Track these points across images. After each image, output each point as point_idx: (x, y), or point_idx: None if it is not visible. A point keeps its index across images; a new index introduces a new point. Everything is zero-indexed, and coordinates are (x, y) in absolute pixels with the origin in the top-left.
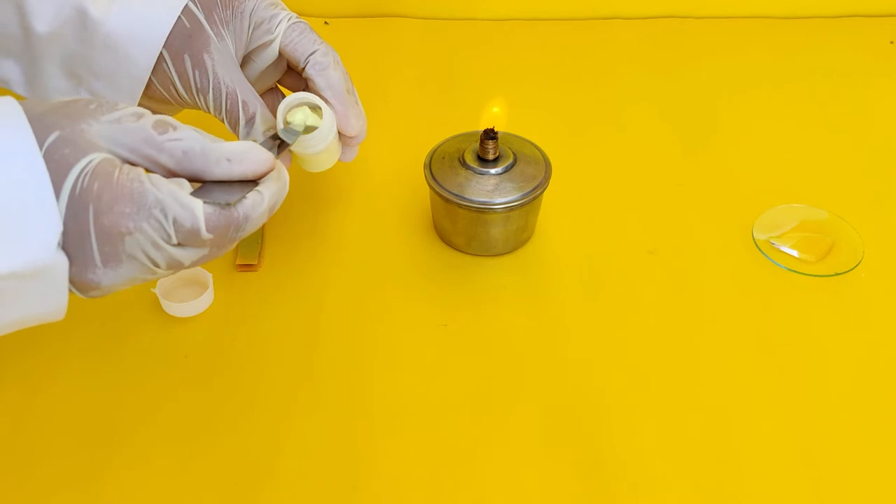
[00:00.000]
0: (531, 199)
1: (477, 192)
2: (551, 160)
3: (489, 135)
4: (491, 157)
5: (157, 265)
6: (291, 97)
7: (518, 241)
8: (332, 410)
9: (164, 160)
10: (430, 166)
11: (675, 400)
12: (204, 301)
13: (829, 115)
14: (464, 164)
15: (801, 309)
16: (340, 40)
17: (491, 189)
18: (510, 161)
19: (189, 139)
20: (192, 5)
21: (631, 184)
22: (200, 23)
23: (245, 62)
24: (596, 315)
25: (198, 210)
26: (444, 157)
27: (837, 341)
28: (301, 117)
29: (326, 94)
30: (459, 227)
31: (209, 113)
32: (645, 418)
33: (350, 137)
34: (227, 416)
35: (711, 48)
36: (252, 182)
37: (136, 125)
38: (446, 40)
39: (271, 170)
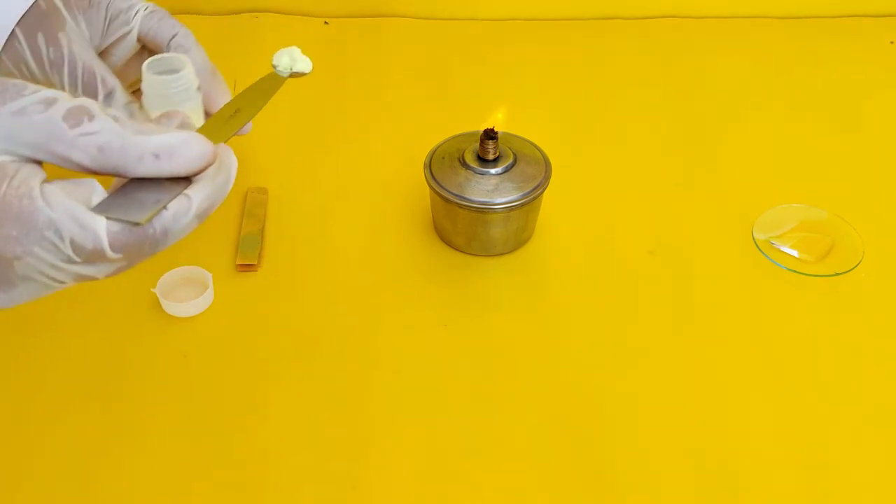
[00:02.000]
0: (531, 199)
1: (477, 192)
2: (551, 160)
3: (489, 135)
4: (491, 157)
5: (62, 282)
6: (152, 58)
7: (518, 241)
8: (332, 410)
9: (78, 157)
10: (430, 166)
11: (675, 400)
12: (204, 301)
13: (829, 115)
14: (464, 164)
15: (801, 309)
16: (340, 40)
17: (491, 189)
18: (510, 161)
19: (106, 132)
20: None
21: (631, 184)
22: (56, 6)
23: (104, 56)
24: (596, 315)
25: (100, 230)
26: (444, 157)
27: (837, 341)
28: (287, 61)
29: None
30: (459, 227)
31: (64, 90)
32: (645, 418)
33: None
34: (227, 416)
35: (711, 48)
36: (185, 180)
37: (42, 117)
38: (446, 40)
39: (210, 164)
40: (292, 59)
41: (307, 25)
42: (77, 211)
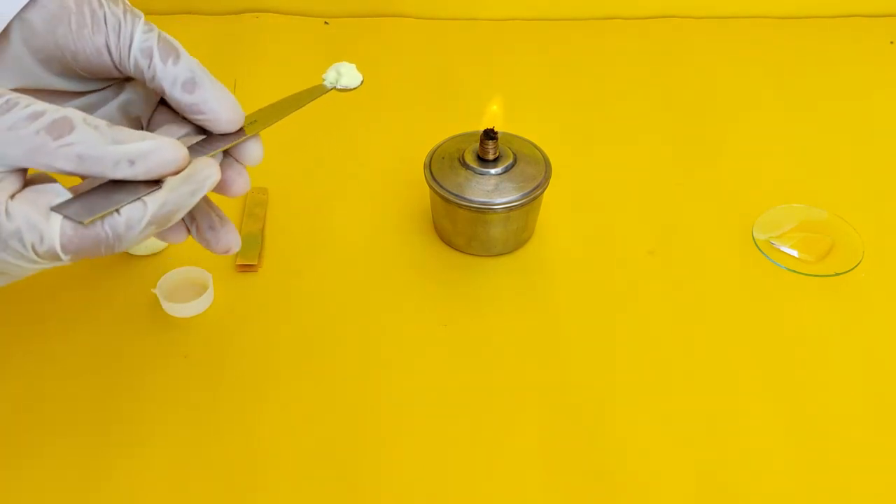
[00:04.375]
0: (531, 199)
1: (477, 192)
2: (551, 160)
3: (489, 135)
4: (491, 157)
5: (34, 270)
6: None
7: (518, 241)
8: (331, 410)
9: (61, 165)
10: (430, 166)
11: (675, 400)
12: (204, 301)
13: (829, 115)
14: (464, 164)
15: (801, 309)
16: (340, 40)
17: (491, 189)
18: (510, 161)
19: (84, 143)
20: None
21: (631, 184)
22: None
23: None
24: (596, 315)
25: (54, 236)
26: (444, 157)
27: (837, 341)
28: (333, 76)
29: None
30: (459, 227)
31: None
32: (645, 418)
33: None
34: (227, 417)
35: (711, 48)
36: (156, 183)
37: (28, 130)
38: (446, 40)
39: (180, 170)
40: (339, 73)
41: (307, 25)
42: (35, 220)
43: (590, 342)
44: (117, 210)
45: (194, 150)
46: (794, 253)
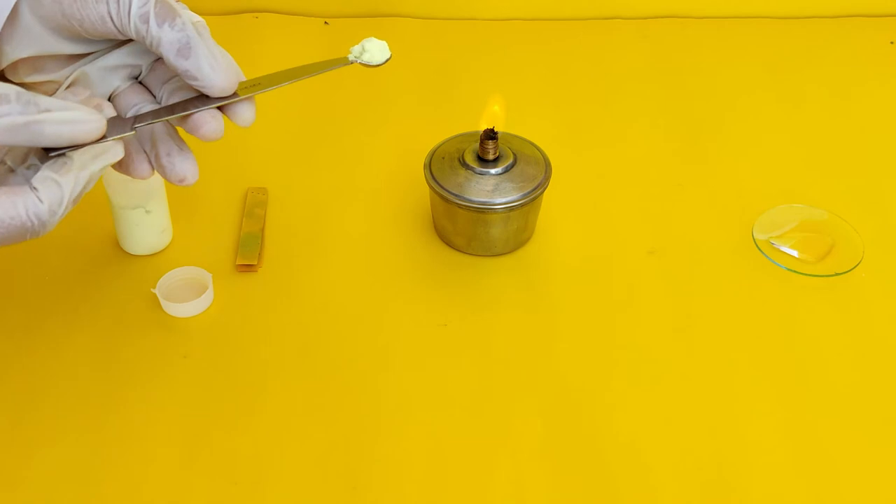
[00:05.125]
0: (531, 199)
1: (477, 192)
2: (551, 160)
3: (489, 135)
4: (491, 157)
5: None
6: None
7: (518, 241)
8: (331, 410)
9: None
10: (430, 166)
11: (675, 400)
12: (204, 301)
13: (829, 115)
14: (464, 164)
15: (801, 309)
16: (340, 40)
17: (491, 189)
18: (510, 161)
19: (14, 114)
20: None
21: (631, 184)
22: None
23: None
24: (596, 315)
25: None
26: (444, 157)
27: (837, 341)
28: (358, 49)
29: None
30: (459, 227)
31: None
32: (645, 418)
33: None
34: (227, 417)
35: (711, 48)
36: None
37: None
38: (446, 40)
39: (100, 137)
40: (363, 49)
41: (307, 25)
42: None
43: (590, 342)
44: (39, 198)
45: (188, 105)
46: (794, 253)
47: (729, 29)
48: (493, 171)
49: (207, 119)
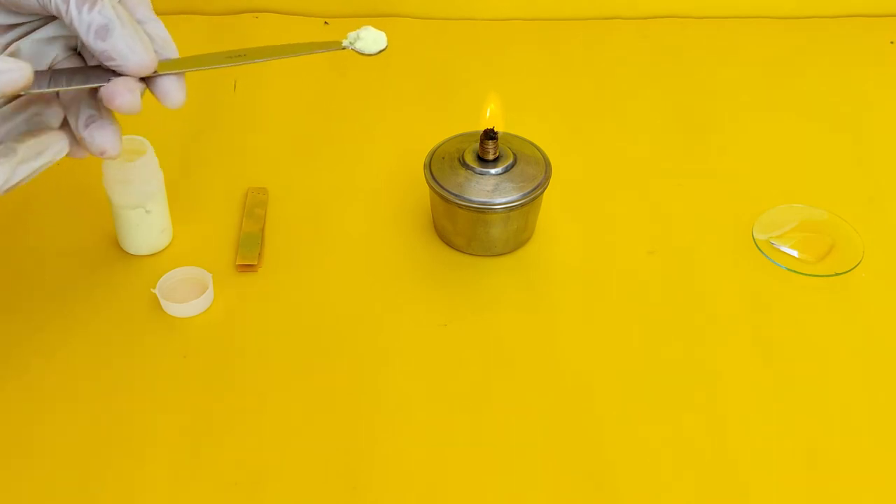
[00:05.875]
0: (531, 199)
1: (477, 192)
2: (551, 160)
3: (489, 135)
4: (491, 157)
5: None
6: None
7: (518, 241)
8: (331, 410)
9: None
10: (430, 166)
11: (674, 400)
12: (204, 301)
13: (829, 116)
14: (464, 164)
15: (801, 309)
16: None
17: (491, 189)
18: (510, 161)
19: None
20: None
21: (631, 184)
22: None
23: None
24: (596, 315)
25: None
26: (444, 157)
27: (837, 341)
28: (353, 36)
29: None
30: (459, 227)
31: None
32: (645, 418)
33: None
34: (227, 417)
35: (711, 48)
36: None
37: None
38: (446, 40)
39: (27, 87)
40: (358, 37)
41: (307, 25)
42: None
43: (589, 342)
44: None
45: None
46: (794, 253)
47: (729, 29)
48: (493, 171)
49: (122, 90)
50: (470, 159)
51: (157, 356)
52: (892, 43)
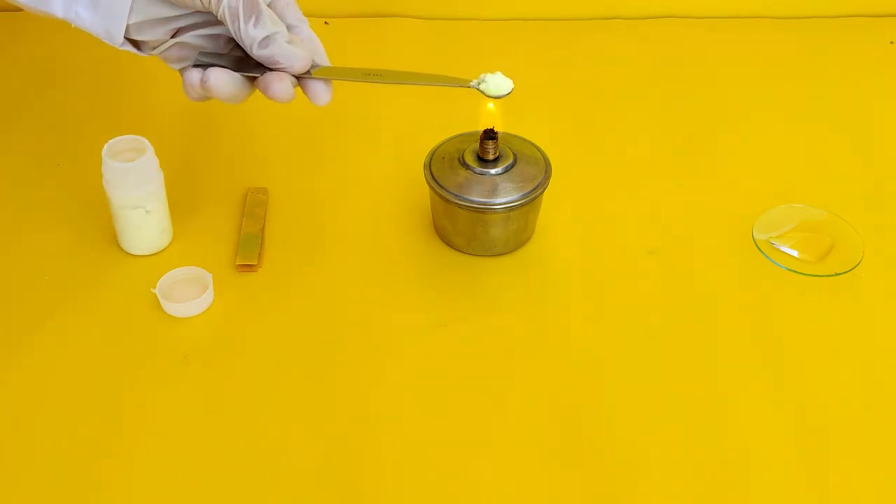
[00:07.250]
0: (531, 199)
1: (477, 192)
2: (551, 160)
3: (489, 135)
4: (491, 157)
5: None
6: (113, 141)
7: (518, 241)
8: (331, 410)
9: None
10: (430, 166)
11: (675, 399)
12: (204, 301)
13: (829, 115)
14: (464, 164)
15: (801, 309)
16: (340, 40)
17: (491, 189)
18: (510, 161)
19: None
20: None
21: (631, 184)
22: None
23: None
24: (596, 315)
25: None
26: (444, 157)
27: (837, 341)
28: (476, 81)
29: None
30: (459, 227)
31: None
32: (645, 418)
33: None
34: (227, 416)
35: (711, 48)
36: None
37: None
38: (446, 40)
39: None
40: (481, 79)
41: None
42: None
43: (589, 342)
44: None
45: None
46: (794, 253)
47: (729, 29)
48: (493, 171)
49: (275, 80)
50: (470, 159)
51: (157, 356)
52: (892, 43)
